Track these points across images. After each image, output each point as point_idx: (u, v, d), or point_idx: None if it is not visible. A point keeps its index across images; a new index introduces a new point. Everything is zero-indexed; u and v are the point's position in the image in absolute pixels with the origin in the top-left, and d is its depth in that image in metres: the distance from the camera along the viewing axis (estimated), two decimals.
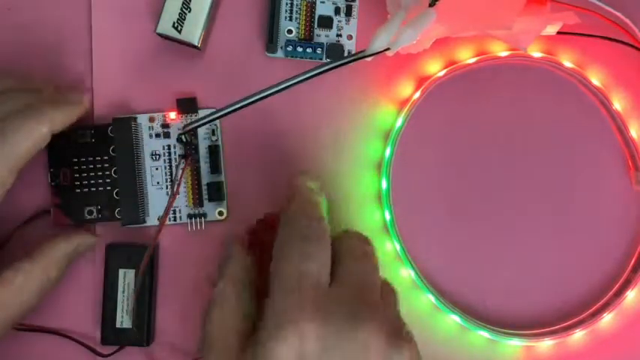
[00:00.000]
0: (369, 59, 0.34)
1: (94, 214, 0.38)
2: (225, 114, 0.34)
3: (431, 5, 0.35)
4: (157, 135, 0.39)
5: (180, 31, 0.37)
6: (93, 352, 0.39)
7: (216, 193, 0.38)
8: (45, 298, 0.36)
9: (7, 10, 0.39)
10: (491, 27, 0.34)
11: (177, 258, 0.39)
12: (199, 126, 0.36)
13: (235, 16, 0.39)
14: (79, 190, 0.38)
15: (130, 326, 0.38)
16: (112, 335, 0.38)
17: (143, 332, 0.38)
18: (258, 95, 0.34)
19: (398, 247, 0.38)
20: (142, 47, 0.39)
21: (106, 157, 0.38)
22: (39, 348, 0.39)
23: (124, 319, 0.38)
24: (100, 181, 0.38)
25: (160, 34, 0.37)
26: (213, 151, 0.39)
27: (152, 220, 0.39)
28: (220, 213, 0.39)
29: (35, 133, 0.34)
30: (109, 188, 0.38)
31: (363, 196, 0.40)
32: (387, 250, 0.39)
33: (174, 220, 0.39)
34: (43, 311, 0.39)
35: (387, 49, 0.33)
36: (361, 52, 0.34)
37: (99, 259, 0.39)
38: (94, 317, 0.39)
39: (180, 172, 0.37)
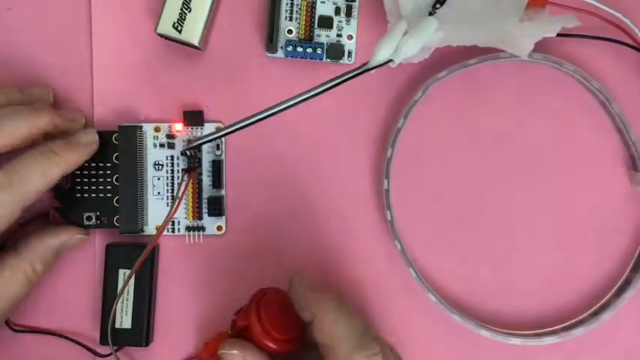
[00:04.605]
0: (372, 72, 0.34)
1: (93, 220, 0.38)
2: (231, 132, 0.34)
3: (431, 14, 0.35)
4: (162, 145, 0.39)
5: (180, 31, 0.37)
6: (92, 352, 0.39)
7: (216, 207, 0.38)
8: (34, 291, 0.37)
9: (7, 10, 0.39)
10: (492, 34, 0.35)
11: (176, 267, 0.39)
12: (203, 143, 0.36)
13: (235, 16, 0.39)
14: (79, 195, 0.38)
15: (130, 326, 0.38)
16: (111, 335, 0.38)
17: (142, 333, 0.38)
18: (263, 114, 0.34)
19: (398, 247, 0.38)
20: (142, 47, 0.39)
21: (108, 164, 0.38)
22: (39, 349, 0.39)
23: (123, 320, 0.38)
24: (101, 187, 0.38)
25: (160, 34, 0.37)
26: (217, 166, 0.39)
27: (150, 230, 0.39)
28: (219, 228, 0.39)
29: (49, 176, 0.34)
30: (109, 195, 0.38)
31: (363, 196, 0.40)
32: (387, 250, 0.39)
33: (173, 231, 0.39)
34: (42, 311, 0.39)
35: (390, 60, 0.33)
36: (364, 65, 0.34)
37: (99, 259, 0.39)
38: (94, 317, 0.39)
39: (182, 188, 0.37)
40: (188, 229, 0.39)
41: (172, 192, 0.38)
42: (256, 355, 0.33)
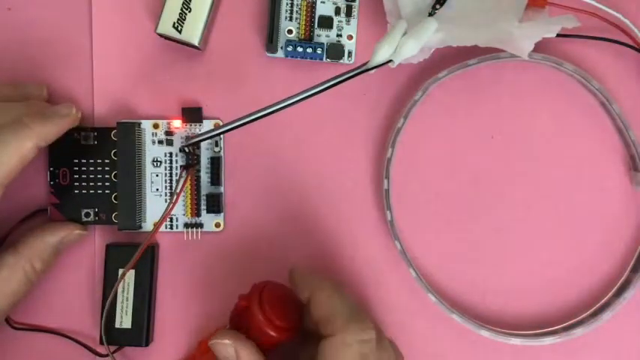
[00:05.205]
0: (372, 72, 0.34)
1: (91, 216, 0.38)
2: (230, 129, 0.34)
3: (431, 15, 0.35)
4: (160, 142, 0.39)
5: (180, 31, 0.37)
6: (92, 352, 0.39)
7: (214, 204, 0.38)
8: (35, 289, 0.37)
9: (7, 10, 0.39)
10: (492, 34, 0.35)
11: (174, 264, 0.39)
12: (202, 140, 0.36)
13: (235, 16, 0.39)
14: (77, 191, 0.38)
15: (130, 326, 0.38)
16: (111, 335, 0.38)
17: (142, 333, 0.38)
18: (263, 112, 0.34)
19: (398, 247, 0.38)
20: (142, 47, 0.39)
21: (107, 161, 0.38)
22: (39, 348, 0.39)
23: (123, 320, 0.38)
24: (100, 183, 0.38)
25: (160, 34, 0.37)
26: (215, 162, 0.39)
27: (148, 227, 0.39)
28: (217, 225, 0.39)
29: (22, 150, 0.33)
30: (107, 192, 0.38)
31: (363, 196, 0.40)
32: (387, 250, 0.39)
33: (171, 227, 0.39)
34: (43, 311, 0.39)
35: (390, 60, 0.33)
36: (364, 64, 0.34)
37: (99, 259, 0.39)
38: (94, 317, 0.39)
39: (181, 183, 0.37)
40: (186, 225, 0.39)
41: (171, 189, 0.39)
42: (247, 345, 0.33)
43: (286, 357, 0.35)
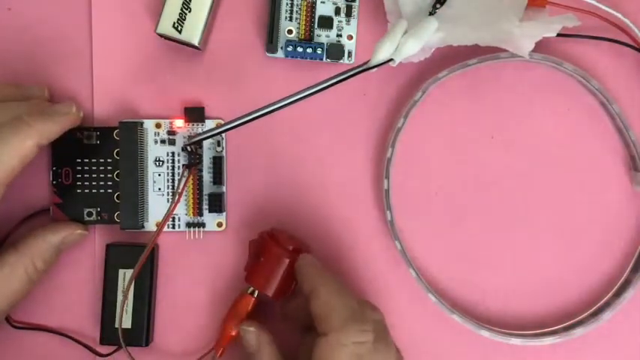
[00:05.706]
0: (373, 70, 0.34)
1: (94, 215, 0.38)
2: (231, 128, 0.35)
3: (431, 14, 0.35)
4: (163, 141, 0.39)
5: (180, 31, 0.37)
6: (92, 351, 0.39)
7: (216, 204, 0.38)
8: (35, 289, 0.37)
9: (7, 10, 0.39)
10: (492, 34, 0.35)
11: (175, 263, 0.39)
12: (204, 139, 0.36)
13: (235, 16, 0.39)
14: (79, 191, 0.38)
15: (130, 326, 0.38)
16: (111, 335, 0.38)
17: (142, 333, 0.38)
18: (264, 110, 0.34)
19: (398, 247, 0.38)
20: (142, 47, 0.39)
21: (109, 160, 0.38)
22: (38, 347, 0.39)
23: (123, 320, 0.38)
24: (102, 183, 0.38)
25: (160, 34, 0.37)
26: (217, 162, 0.39)
27: (151, 226, 0.39)
28: (219, 224, 0.39)
29: (23, 148, 0.33)
30: (110, 191, 0.38)
31: (363, 196, 0.40)
32: (387, 250, 0.39)
33: (173, 227, 0.39)
34: (43, 310, 0.39)
35: (391, 59, 0.33)
36: (365, 63, 0.34)
37: (99, 259, 0.39)
38: (94, 317, 0.39)
39: (183, 183, 0.37)
40: (188, 225, 0.39)
41: (173, 188, 0.39)
42: (268, 335, 0.35)
43: (286, 350, 0.35)
